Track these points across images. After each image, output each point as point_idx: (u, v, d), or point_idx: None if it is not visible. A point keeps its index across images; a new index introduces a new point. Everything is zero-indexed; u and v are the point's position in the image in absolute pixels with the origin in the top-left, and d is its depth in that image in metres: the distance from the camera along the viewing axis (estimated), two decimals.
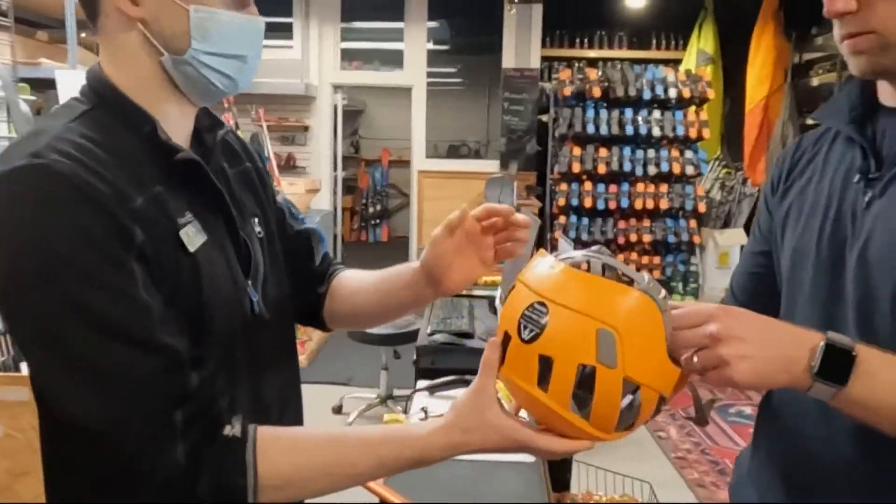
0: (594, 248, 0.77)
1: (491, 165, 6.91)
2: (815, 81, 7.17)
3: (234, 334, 0.82)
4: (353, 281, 1.08)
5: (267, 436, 0.75)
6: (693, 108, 6.16)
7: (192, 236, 0.75)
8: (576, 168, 6.06)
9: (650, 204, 6.14)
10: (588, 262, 0.73)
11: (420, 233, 7.10)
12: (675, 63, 7.21)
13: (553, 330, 0.69)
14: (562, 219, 6.15)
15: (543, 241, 5.85)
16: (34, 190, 0.66)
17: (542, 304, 0.70)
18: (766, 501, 0.96)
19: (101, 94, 0.77)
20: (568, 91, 6.02)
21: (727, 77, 7.05)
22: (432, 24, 6.98)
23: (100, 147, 0.70)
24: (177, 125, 0.80)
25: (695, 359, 0.70)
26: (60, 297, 0.64)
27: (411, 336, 3.38)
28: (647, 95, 5.97)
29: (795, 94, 7.22)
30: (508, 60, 6.77)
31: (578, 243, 6.15)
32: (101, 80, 0.77)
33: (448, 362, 1.79)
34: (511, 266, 2.24)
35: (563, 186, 6.17)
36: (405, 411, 1.67)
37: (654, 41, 7.77)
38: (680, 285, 6.03)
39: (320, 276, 1.08)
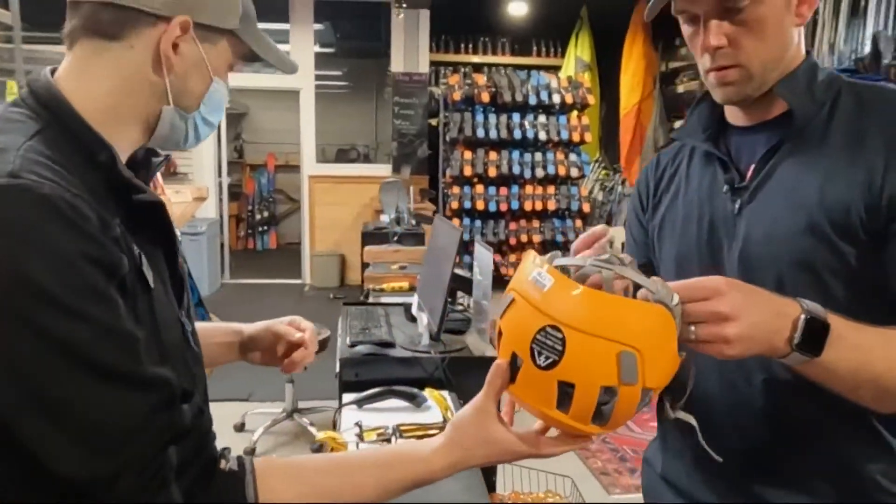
0: (603, 256, 0.74)
1: (383, 169, 6.91)
2: (680, 89, 7.74)
3: (182, 368, 0.77)
4: None
5: (264, 466, 0.72)
6: (575, 112, 6.47)
7: (147, 270, 0.71)
8: (467, 171, 6.20)
9: (539, 205, 6.40)
10: (600, 274, 0.72)
11: (312, 239, 6.96)
12: (555, 69, 7.53)
13: (572, 357, 0.66)
14: (455, 221, 6.25)
15: None
16: (19, 212, 0.59)
17: (556, 328, 0.67)
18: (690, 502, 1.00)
19: (53, 111, 0.70)
20: (458, 96, 6.14)
21: (603, 83, 7.44)
22: (318, 26, 6.87)
23: (66, 170, 0.65)
24: (120, 156, 0.76)
25: (692, 329, 0.71)
26: (41, 329, 0.58)
27: (318, 346, 3.31)
28: (532, 101, 6.21)
29: (664, 100, 7.77)
30: (397, 65, 6.79)
31: (471, 245, 6.27)
32: (56, 96, 0.71)
33: (372, 373, 1.77)
34: (425, 270, 2.25)
35: (456, 189, 6.29)
36: (334, 426, 1.63)
37: (535, 48, 8.07)
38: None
39: None
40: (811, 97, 0.88)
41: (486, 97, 6.13)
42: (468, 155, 6.21)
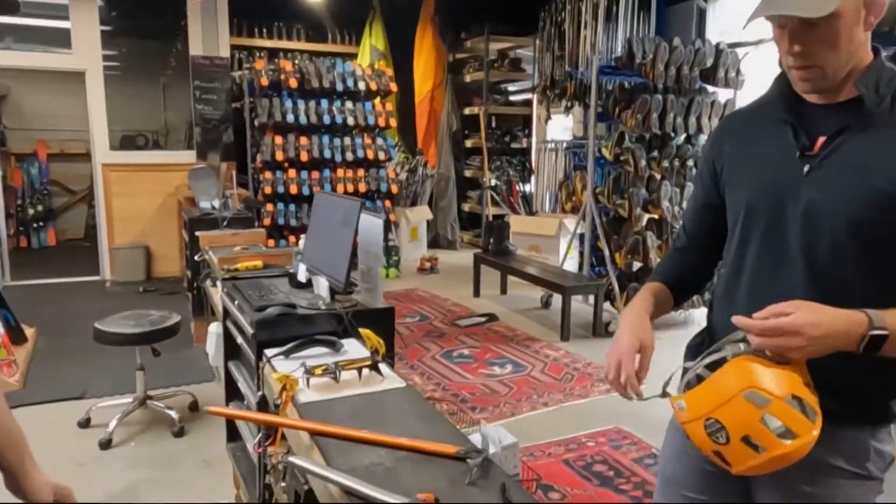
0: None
1: (184, 156, 6.67)
2: (467, 78, 8.51)
3: None
4: None
5: None
6: (379, 99, 6.84)
7: None
8: (279, 156, 6.26)
9: (350, 188, 6.68)
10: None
11: (111, 232, 6.51)
12: (351, 57, 7.82)
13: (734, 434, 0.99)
14: (269, 206, 6.29)
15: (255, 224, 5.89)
16: None
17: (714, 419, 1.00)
18: None
19: None
20: (265, 81, 6.16)
21: (397, 71, 7.87)
22: (101, 2, 6.38)
23: None
24: None
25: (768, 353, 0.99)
26: None
27: (170, 331, 3.31)
28: (339, 87, 6.45)
29: (454, 88, 8.48)
30: (196, 48, 6.57)
31: (287, 228, 6.39)
32: None
33: (286, 331, 1.97)
34: (312, 241, 2.47)
35: (268, 175, 6.31)
36: (258, 378, 1.83)
37: (331, 35, 8.25)
38: (385, 260, 6.70)
39: None
40: (878, 90, 1.06)
41: (293, 83, 6.24)
42: (279, 140, 6.27)
